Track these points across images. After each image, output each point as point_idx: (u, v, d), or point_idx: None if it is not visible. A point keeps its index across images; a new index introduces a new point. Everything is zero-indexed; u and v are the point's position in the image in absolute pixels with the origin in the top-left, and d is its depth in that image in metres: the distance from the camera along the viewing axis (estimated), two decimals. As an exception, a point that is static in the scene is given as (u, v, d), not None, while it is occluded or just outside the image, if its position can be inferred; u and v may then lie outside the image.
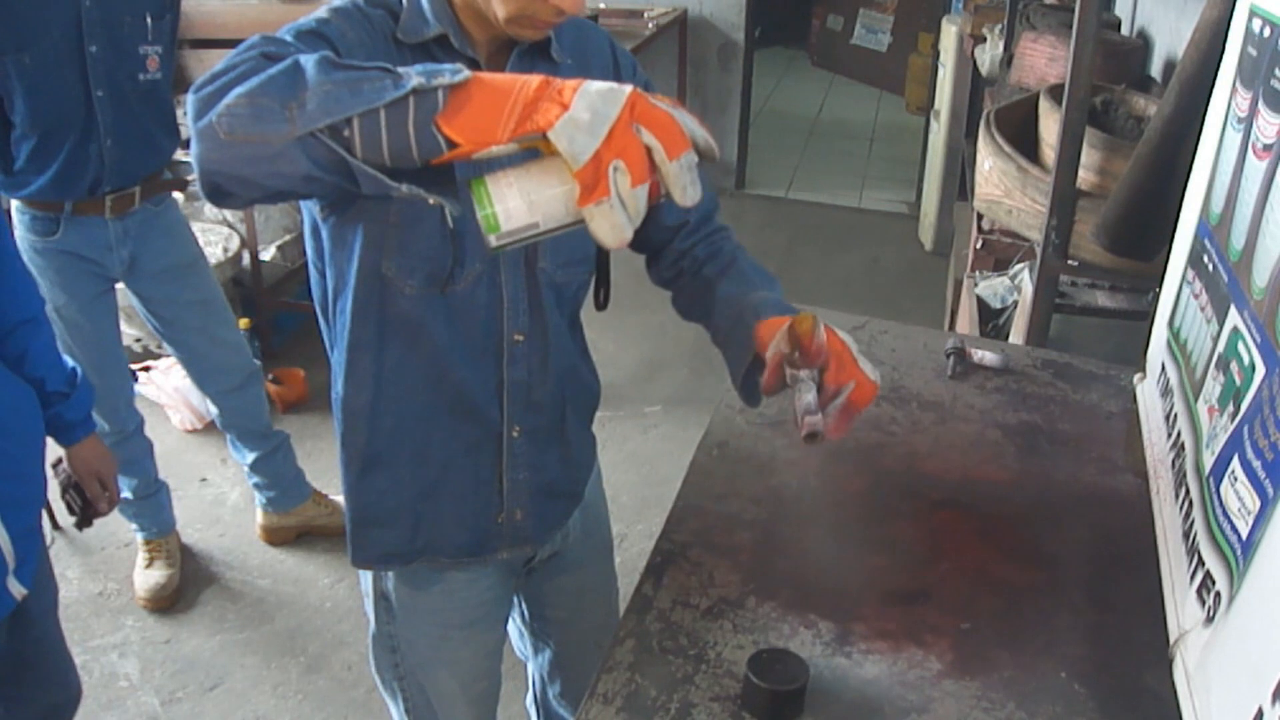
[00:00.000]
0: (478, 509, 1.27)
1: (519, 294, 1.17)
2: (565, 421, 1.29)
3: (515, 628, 1.58)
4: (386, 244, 1.10)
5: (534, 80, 0.83)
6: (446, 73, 0.84)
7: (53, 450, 1.58)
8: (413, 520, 1.25)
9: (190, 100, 0.89)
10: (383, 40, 1.07)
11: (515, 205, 0.85)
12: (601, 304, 1.24)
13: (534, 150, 0.85)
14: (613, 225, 0.82)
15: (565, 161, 0.82)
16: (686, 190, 0.84)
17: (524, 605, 1.53)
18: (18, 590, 1.40)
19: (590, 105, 0.80)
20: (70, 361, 1.58)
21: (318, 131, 0.83)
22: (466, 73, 0.84)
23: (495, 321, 1.17)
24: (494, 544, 1.30)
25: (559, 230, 0.87)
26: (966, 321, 2.54)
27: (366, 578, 1.36)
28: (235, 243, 3.53)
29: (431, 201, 0.87)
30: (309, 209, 1.15)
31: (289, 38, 0.99)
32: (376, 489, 1.24)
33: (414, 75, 0.84)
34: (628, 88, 0.82)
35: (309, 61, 0.86)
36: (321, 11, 1.05)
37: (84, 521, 1.70)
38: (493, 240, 0.86)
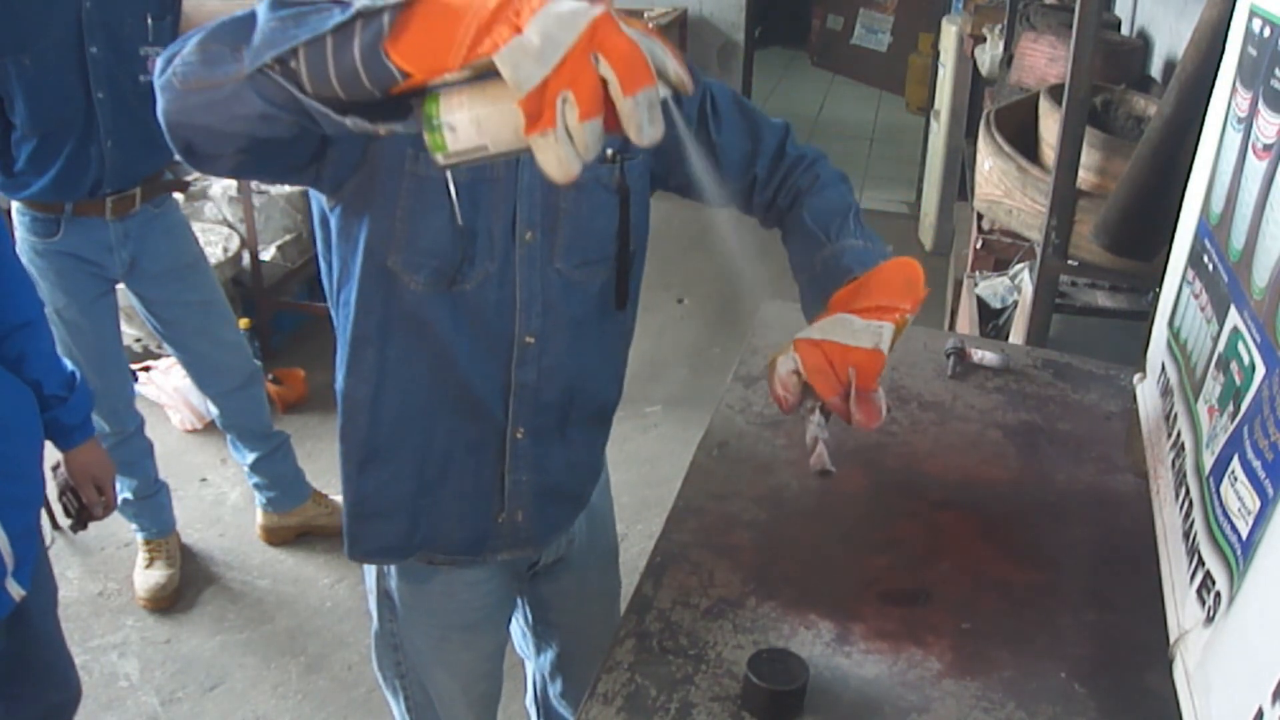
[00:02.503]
0: (478, 508, 1.26)
1: (534, 295, 1.16)
2: (569, 424, 1.28)
3: (518, 628, 1.57)
4: (393, 238, 1.09)
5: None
6: None
7: (52, 453, 1.58)
8: (411, 515, 1.24)
9: (158, 62, 0.89)
10: None
11: (463, 126, 0.80)
12: (620, 302, 1.24)
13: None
14: (559, 159, 0.76)
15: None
16: (643, 128, 0.77)
17: (527, 608, 1.53)
18: (16, 591, 1.39)
19: (544, 30, 0.73)
20: (69, 365, 1.58)
21: (266, 68, 0.81)
22: None
23: (507, 322, 1.16)
24: (493, 544, 1.29)
25: (510, 155, 0.82)
26: (966, 321, 2.54)
27: (370, 575, 1.36)
28: (235, 243, 3.53)
29: (383, 132, 0.83)
30: (317, 199, 1.14)
31: None
32: (375, 482, 1.23)
33: (361, 2, 0.79)
34: (595, 11, 0.75)
35: (262, 6, 0.84)
36: None
37: (79, 524, 1.70)
38: (440, 159, 0.82)
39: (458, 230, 1.09)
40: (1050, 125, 2.12)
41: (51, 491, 1.66)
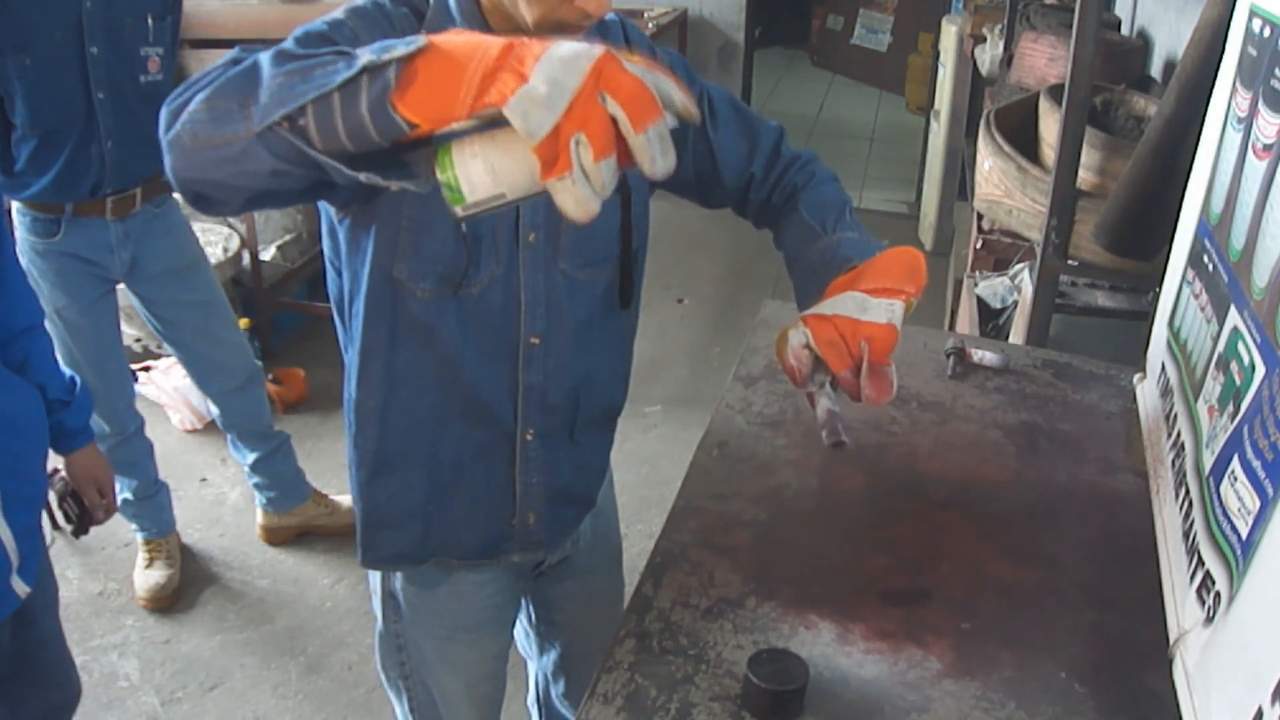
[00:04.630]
0: (490, 512, 1.26)
1: (537, 296, 1.16)
2: (577, 426, 1.28)
3: (521, 628, 1.57)
4: (399, 247, 1.09)
5: (495, 46, 0.77)
6: (401, 45, 0.78)
7: (50, 460, 1.58)
8: (423, 522, 1.25)
9: (162, 114, 0.89)
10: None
11: (479, 176, 0.80)
12: (625, 301, 1.24)
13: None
14: (576, 200, 0.77)
15: None
16: (656, 161, 0.78)
17: (531, 608, 1.53)
18: (21, 589, 1.40)
19: (549, 76, 0.74)
20: (68, 371, 1.58)
21: (276, 126, 0.81)
22: (423, 40, 0.78)
23: (511, 324, 1.16)
24: (506, 547, 1.29)
25: (527, 199, 0.83)
26: (966, 321, 2.54)
27: (375, 576, 1.36)
28: (235, 243, 3.53)
29: (394, 187, 0.84)
30: (325, 209, 1.14)
31: (290, 44, 0.97)
32: (387, 491, 1.23)
33: (367, 53, 0.79)
34: (596, 51, 0.75)
35: (266, 57, 0.84)
36: (337, 12, 1.03)
37: (80, 530, 1.69)
38: (459, 211, 0.82)
39: (462, 236, 1.09)
40: (1050, 125, 2.12)
41: (50, 499, 1.65)
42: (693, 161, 1.26)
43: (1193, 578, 0.93)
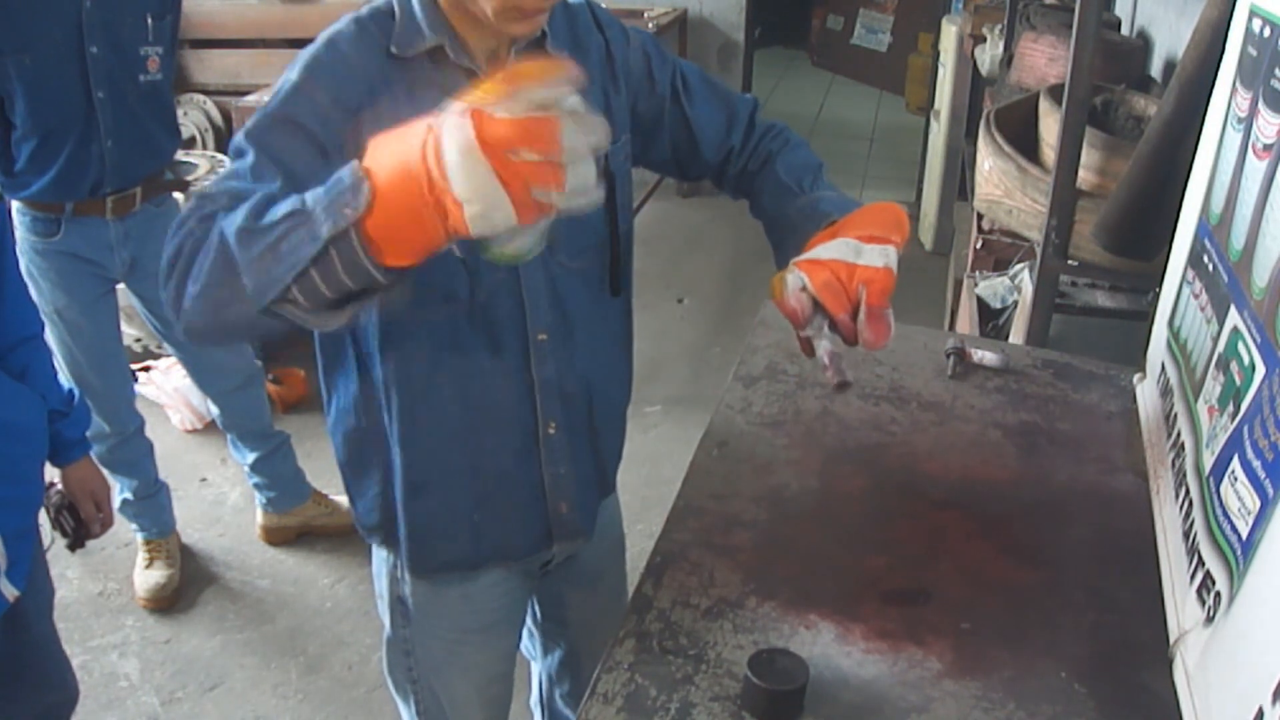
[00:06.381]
0: (531, 509, 1.28)
1: (539, 293, 1.17)
2: (595, 414, 1.29)
3: (525, 629, 1.57)
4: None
5: (416, 167, 0.78)
6: (348, 193, 0.81)
7: (46, 472, 1.57)
8: (472, 531, 1.26)
9: (164, 298, 0.93)
10: (377, 56, 1.05)
11: (506, 239, 0.83)
12: (615, 288, 1.24)
13: None
14: (584, 203, 0.81)
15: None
16: (580, 166, 0.80)
17: (537, 608, 1.53)
18: (10, 591, 1.39)
19: (468, 187, 0.76)
20: (68, 384, 1.58)
21: (271, 305, 0.86)
22: (365, 189, 0.80)
23: (518, 325, 1.17)
24: (550, 539, 1.31)
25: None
26: (966, 321, 2.54)
27: (382, 581, 1.36)
28: (235, 243, 3.53)
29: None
30: None
31: (242, 160, 0.98)
32: (428, 508, 1.24)
33: (321, 213, 0.82)
34: (467, 126, 0.76)
35: (230, 233, 0.87)
36: (293, 74, 1.03)
37: (76, 543, 1.67)
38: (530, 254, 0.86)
39: (460, 258, 1.09)
40: (1050, 125, 2.12)
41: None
42: (669, 139, 1.28)
43: (1193, 578, 0.93)
